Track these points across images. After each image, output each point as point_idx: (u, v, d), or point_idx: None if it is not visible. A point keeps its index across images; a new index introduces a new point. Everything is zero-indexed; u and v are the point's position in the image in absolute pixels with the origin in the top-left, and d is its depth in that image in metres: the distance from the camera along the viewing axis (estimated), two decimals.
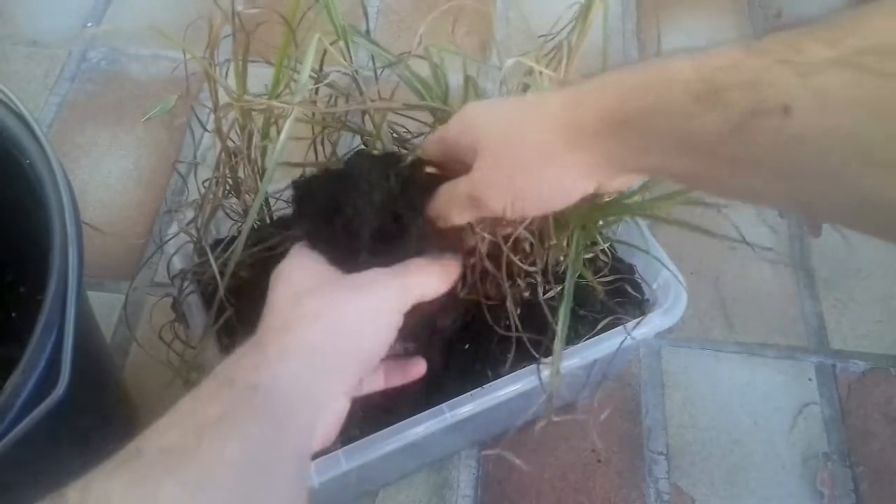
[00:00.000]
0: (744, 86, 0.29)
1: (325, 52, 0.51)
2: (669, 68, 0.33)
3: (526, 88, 0.54)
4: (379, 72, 0.56)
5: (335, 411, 0.42)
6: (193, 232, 0.57)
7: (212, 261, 0.54)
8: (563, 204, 0.41)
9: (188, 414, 0.35)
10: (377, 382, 0.51)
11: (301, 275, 0.45)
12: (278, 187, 0.60)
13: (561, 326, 0.51)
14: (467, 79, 0.52)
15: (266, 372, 0.38)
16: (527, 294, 0.57)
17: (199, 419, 0.34)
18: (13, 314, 0.68)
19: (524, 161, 0.40)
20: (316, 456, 0.53)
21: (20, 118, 0.55)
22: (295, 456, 0.37)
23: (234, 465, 0.33)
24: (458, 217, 0.45)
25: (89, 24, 1.08)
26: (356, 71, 0.53)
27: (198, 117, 0.56)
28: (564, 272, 0.57)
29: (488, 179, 0.42)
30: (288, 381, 0.38)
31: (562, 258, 0.58)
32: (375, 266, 0.45)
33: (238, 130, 0.52)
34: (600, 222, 0.56)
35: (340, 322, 0.42)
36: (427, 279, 0.46)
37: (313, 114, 0.54)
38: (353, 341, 0.42)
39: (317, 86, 0.54)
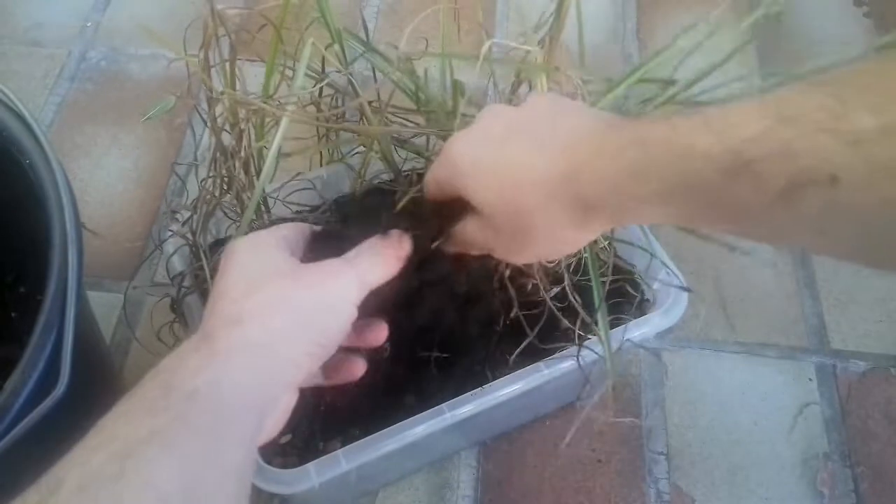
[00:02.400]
0: (780, 157, 0.29)
1: (325, 51, 0.51)
2: (684, 142, 0.32)
3: (515, 90, 0.54)
4: (377, 73, 0.56)
5: (283, 406, 0.41)
6: (189, 234, 0.57)
7: (205, 264, 0.54)
8: (569, 253, 0.42)
9: (117, 431, 0.33)
10: (315, 380, 0.48)
11: (254, 260, 0.43)
12: (278, 186, 0.61)
13: (601, 312, 0.52)
14: (455, 84, 0.51)
15: (209, 374, 0.36)
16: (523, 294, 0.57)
17: (127, 439, 0.32)
18: (13, 314, 0.68)
19: (529, 233, 0.40)
20: (316, 457, 0.53)
21: (20, 118, 0.55)
22: (234, 465, 0.35)
23: (163, 496, 0.31)
24: (475, 251, 0.46)
25: (89, 24, 1.08)
26: (351, 74, 0.53)
27: (201, 116, 0.56)
28: (564, 272, 0.57)
29: (493, 243, 0.42)
30: (232, 383, 0.36)
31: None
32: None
33: (229, 129, 0.52)
34: None
35: (295, 317, 0.40)
36: (378, 261, 0.44)
37: (315, 115, 0.54)
38: (308, 336, 0.41)
39: (316, 87, 0.54)
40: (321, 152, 0.60)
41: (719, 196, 0.31)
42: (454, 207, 0.45)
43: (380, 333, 0.49)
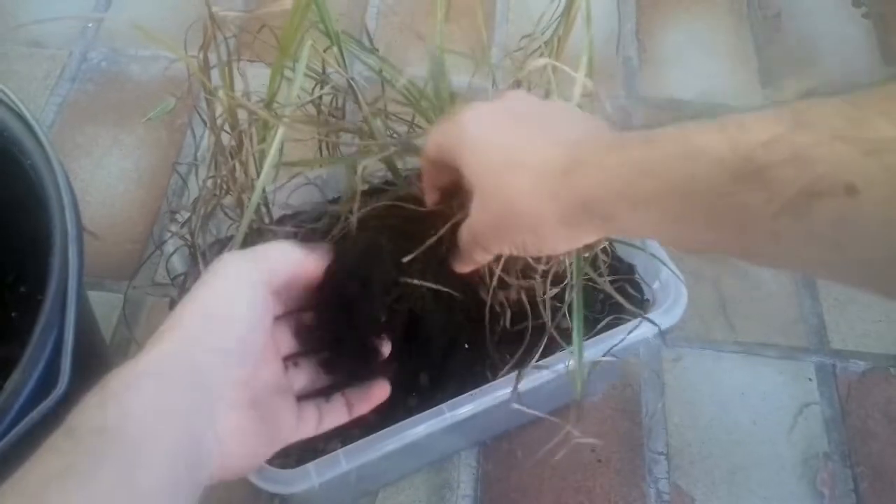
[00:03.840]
0: (794, 164, 0.27)
1: (324, 53, 0.51)
2: (695, 143, 0.31)
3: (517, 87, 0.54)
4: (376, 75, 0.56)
5: (224, 429, 0.38)
6: (188, 235, 0.57)
7: (201, 266, 0.54)
8: (564, 252, 0.41)
9: (30, 473, 0.32)
10: (340, 415, 0.47)
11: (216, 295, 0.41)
12: (277, 186, 0.61)
13: (576, 319, 0.51)
14: (451, 96, 0.52)
15: (112, 411, 0.34)
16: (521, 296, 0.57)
17: (39, 479, 0.31)
18: (13, 314, 0.68)
19: (514, 219, 0.38)
20: (316, 457, 0.53)
21: (21, 118, 0.55)
22: (158, 490, 0.34)
23: None
24: (480, 258, 0.45)
25: (90, 25, 1.08)
26: (352, 79, 0.53)
27: (201, 117, 0.56)
28: (563, 272, 0.57)
29: (489, 233, 0.41)
30: (138, 414, 0.35)
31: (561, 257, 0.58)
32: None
33: (229, 130, 0.52)
34: None
35: (193, 329, 0.39)
36: (283, 248, 0.42)
37: (315, 117, 0.54)
38: (211, 345, 0.39)
39: (316, 88, 0.54)
40: (321, 152, 0.60)
41: (726, 203, 0.30)
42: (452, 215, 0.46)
43: (383, 390, 0.48)
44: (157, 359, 0.38)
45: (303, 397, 0.46)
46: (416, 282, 0.51)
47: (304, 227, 0.59)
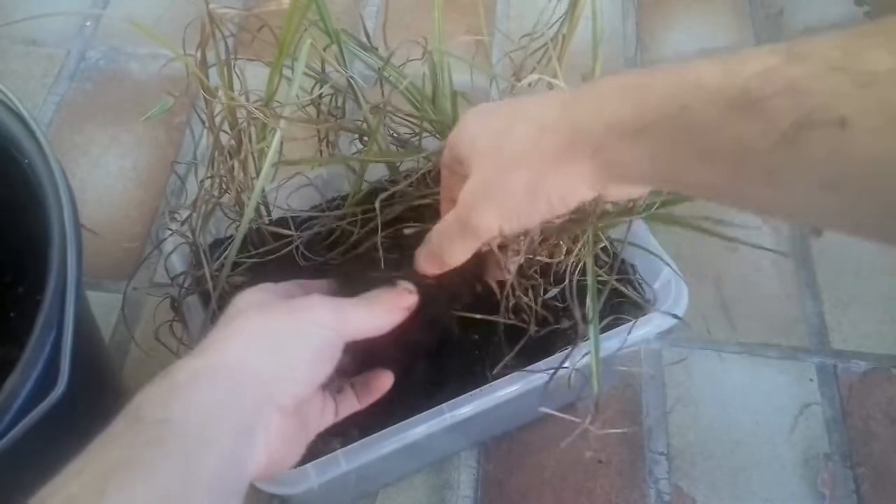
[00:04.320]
0: (788, 95, 0.27)
1: (323, 52, 0.51)
2: (692, 74, 0.30)
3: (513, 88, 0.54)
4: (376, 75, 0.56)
5: (273, 432, 0.40)
6: (188, 233, 0.57)
7: (206, 266, 0.54)
8: (559, 212, 0.38)
9: (94, 460, 0.34)
10: (352, 404, 0.50)
11: (251, 297, 0.45)
12: (277, 186, 0.60)
13: (592, 309, 0.52)
14: (454, 95, 0.51)
15: (176, 403, 0.36)
16: (526, 296, 0.57)
17: (105, 465, 0.33)
18: (12, 314, 0.68)
19: (518, 170, 0.37)
20: (315, 457, 0.53)
21: (19, 117, 0.55)
22: (215, 484, 0.35)
23: None
24: (451, 252, 0.43)
25: (88, 24, 1.07)
26: (351, 77, 0.53)
27: (199, 116, 0.56)
28: (563, 272, 0.57)
29: (479, 191, 0.39)
30: (201, 408, 0.36)
31: (562, 257, 0.58)
32: None
33: (228, 129, 0.52)
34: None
35: (265, 341, 0.41)
36: (367, 316, 0.45)
37: (316, 114, 0.54)
38: (280, 360, 0.41)
39: (315, 87, 0.53)
40: (321, 152, 0.60)
41: (720, 135, 0.29)
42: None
43: (385, 379, 0.51)
44: (225, 356, 0.40)
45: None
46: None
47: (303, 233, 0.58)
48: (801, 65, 0.27)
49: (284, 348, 0.41)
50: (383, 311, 0.45)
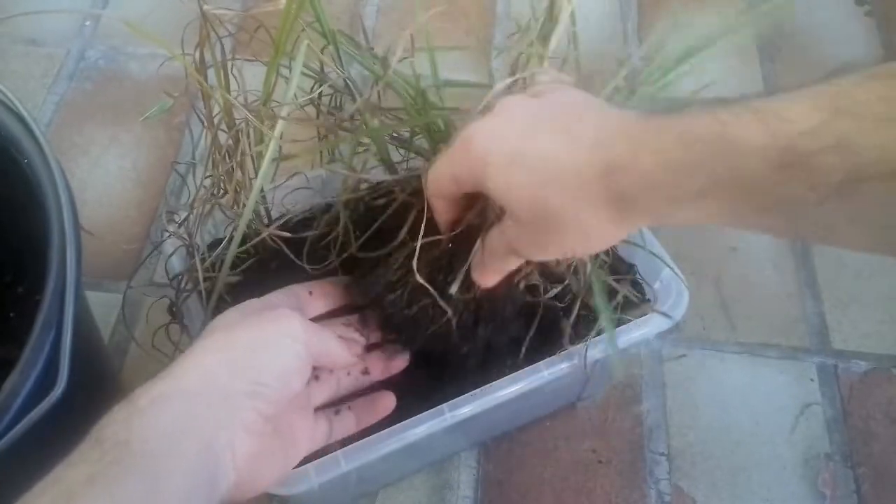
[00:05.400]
0: (838, 151, 0.28)
1: (321, 53, 0.51)
2: (734, 136, 0.30)
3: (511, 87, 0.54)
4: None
5: (242, 452, 0.40)
6: (185, 234, 0.57)
7: (198, 267, 0.54)
8: (599, 250, 0.41)
9: (58, 480, 0.34)
10: (349, 426, 0.50)
11: (223, 318, 0.45)
12: (275, 186, 0.60)
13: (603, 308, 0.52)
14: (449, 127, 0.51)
15: (138, 424, 0.36)
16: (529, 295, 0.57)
17: (69, 484, 0.33)
18: (11, 314, 0.68)
19: (558, 230, 0.38)
20: (315, 457, 0.53)
21: (18, 117, 0.55)
22: (181, 502, 0.36)
23: None
24: (500, 269, 0.45)
25: (87, 23, 1.07)
26: (347, 79, 0.53)
27: (198, 116, 0.56)
28: (565, 271, 0.56)
29: (528, 241, 0.40)
30: (161, 432, 0.37)
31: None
32: None
33: (226, 129, 0.52)
34: None
35: (227, 358, 0.41)
36: (336, 342, 0.46)
37: (314, 116, 0.54)
38: (247, 378, 0.40)
39: (313, 88, 0.53)
40: (321, 152, 0.60)
41: (771, 193, 0.30)
42: (471, 222, 0.45)
43: (388, 401, 0.52)
44: (187, 379, 0.40)
45: (316, 409, 0.49)
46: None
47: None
48: (848, 120, 0.28)
49: (251, 365, 0.41)
50: (349, 350, 0.47)
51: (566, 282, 0.56)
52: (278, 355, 0.42)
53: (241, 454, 0.40)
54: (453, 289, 0.48)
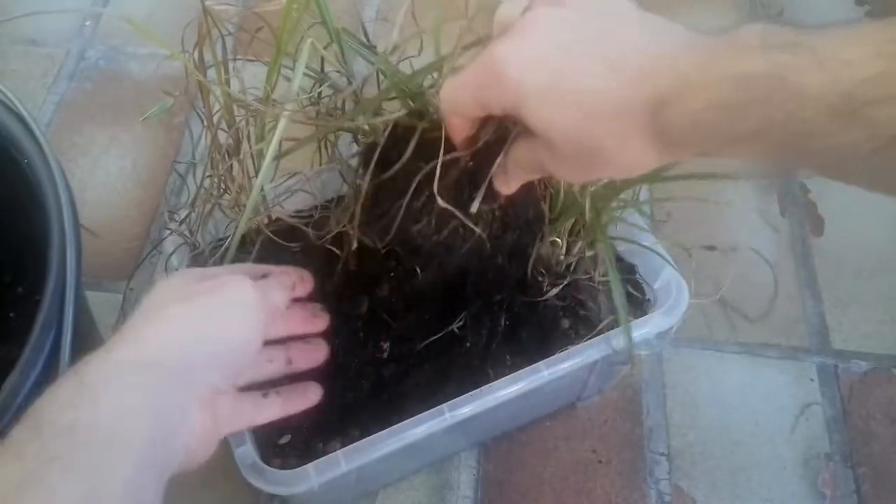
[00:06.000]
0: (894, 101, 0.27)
1: (323, 51, 0.51)
2: (793, 81, 0.29)
3: None
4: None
5: (192, 427, 0.38)
6: (187, 233, 0.57)
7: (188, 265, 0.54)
8: (638, 174, 0.38)
9: None
10: (274, 411, 0.49)
11: (168, 287, 0.42)
12: (275, 185, 0.60)
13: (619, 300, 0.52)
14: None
15: (85, 406, 0.33)
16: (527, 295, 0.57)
17: (1, 488, 0.30)
18: (11, 314, 0.68)
19: (599, 159, 0.36)
20: (316, 458, 0.53)
21: (18, 117, 0.55)
22: (127, 484, 0.32)
23: None
24: (525, 178, 0.43)
25: (87, 23, 1.07)
26: (349, 77, 0.53)
27: (198, 115, 0.56)
28: (566, 270, 0.57)
29: (562, 166, 0.38)
30: (112, 411, 0.34)
31: (562, 256, 0.58)
32: None
33: (226, 129, 0.52)
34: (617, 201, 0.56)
35: (181, 331, 0.39)
36: (277, 286, 0.45)
37: (315, 114, 0.54)
38: (204, 348, 0.39)
39: (315, 87, 0.53)
40: (321, 152, 0.60)
41: (822, 142, 0.29)
42: (489, 136, 0.43)
43: (314, 391, 0.52)
44: (141, 351, 0.37)
45: (243, 389, 0.47)
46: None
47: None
48: None
49: (208, 336, 0.40)
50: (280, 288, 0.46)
51: (567, 280, 0.56)
52: (236, 325, 0.41)
53: (195, 428, 0.38)
54: (474, 206, 0.46)
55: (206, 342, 0.40)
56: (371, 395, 0.58)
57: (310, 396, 0.52)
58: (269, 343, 0.48)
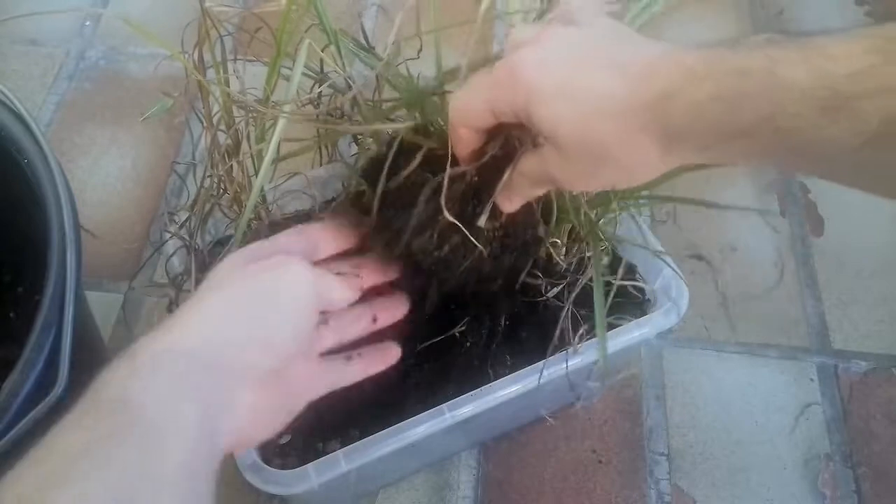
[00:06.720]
0: (881, 94, 0.28)
1: (322, 52, 0.51)
2: (783, 75, 0.30)
3: None
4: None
5: (246, 405, 0.39)
6: (186, 235, 0.57)
7: (192, 272, 0.54)
8: (644, 181, 0.39)
9: (54, 448, 0.32)
10: (357, 373, 0.49)
11: (222, 268, 0.42)
12: (275, 185, 0.60)
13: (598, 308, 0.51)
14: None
15: (136, 386, 0.35)
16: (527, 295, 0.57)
17: (61, 455, 0.32)
18: (11, 314, 0.68)
19: (605, 162, 0.37)
20: (316, 457, 0.53)
21: (18, 117, 0.55)
22: (173, 481, 0.34)
23: None
24: (529, 195, 0.44)
25: (87, 23, 1.07)
26: (349, 78, 0.53)
27: (198, 115, 0.56)
28: (566, 270, 0.57)
29: (571, 172, 0.39)
30: (161, 393, 0.35)
31: (562, 256, 0.58)
32: None
33: (225, 129, 0.52)
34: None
35: (236, 312, 0.39)
36: (339, 280, 0.45)
37: (314, 115, 0.54)
38: (254, 330, 0.39)
39: (314, 87, 0.53)
40: (321, 152, 0.60)
41: (811, 136, 0.30)
42: (496, 151, 0.43)
43: (393, 351, 0.50)
44: (189, 337, 0.38)
45: (322, 354, 0.47)
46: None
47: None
48: (893, 66, 0.28)
49: (258, 314, 0.40)
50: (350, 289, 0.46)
51: (567, 280, 0.56)
52: (288, 307, 0.41)
53: (243, 410, 0.39)
54: (482, 220, 0.46)
55: (256, 325, 0.40)
56: (371, 396, 0.58)
57: (392, 355, 0.51)
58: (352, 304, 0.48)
